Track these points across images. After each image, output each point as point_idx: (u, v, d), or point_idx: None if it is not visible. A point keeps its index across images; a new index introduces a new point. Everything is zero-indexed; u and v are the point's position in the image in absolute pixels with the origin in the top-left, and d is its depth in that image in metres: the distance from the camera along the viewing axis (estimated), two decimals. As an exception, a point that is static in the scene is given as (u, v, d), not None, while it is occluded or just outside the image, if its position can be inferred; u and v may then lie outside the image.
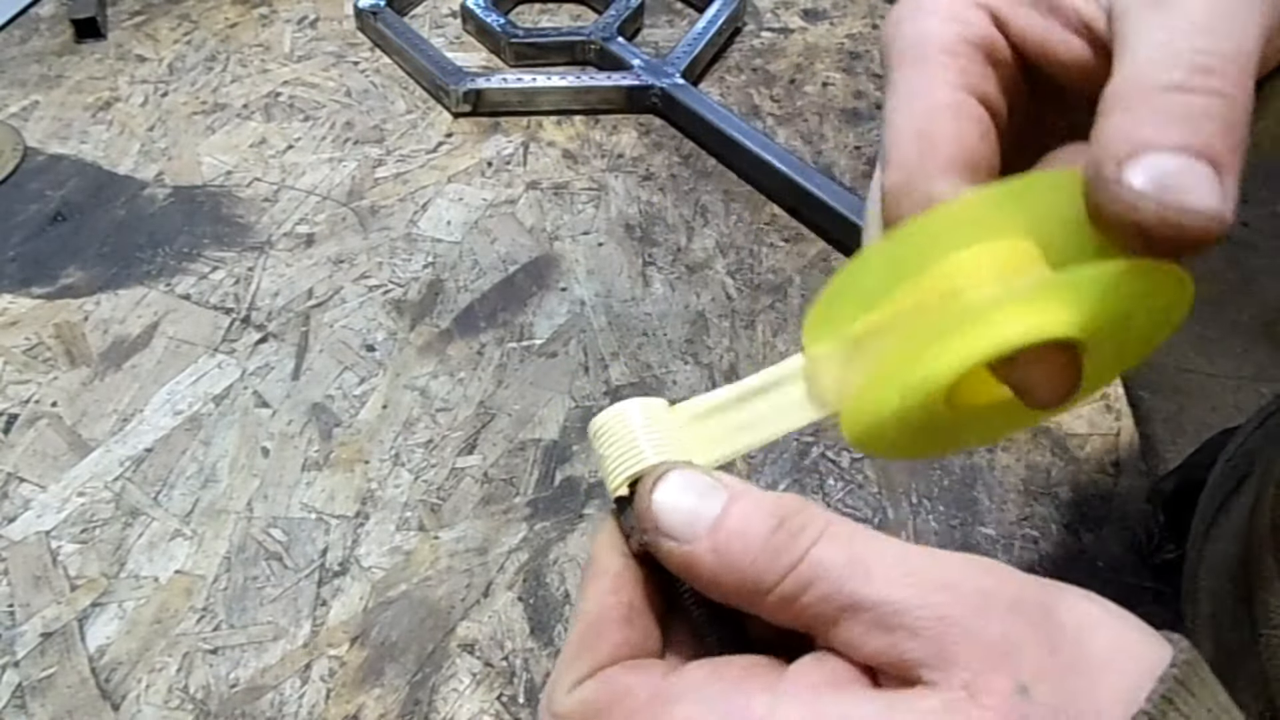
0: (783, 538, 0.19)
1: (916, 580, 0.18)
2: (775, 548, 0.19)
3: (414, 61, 0.70)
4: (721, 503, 0.20)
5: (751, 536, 0.19)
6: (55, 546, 0.43)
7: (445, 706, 0.39)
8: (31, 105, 0.68)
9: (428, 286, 0.56)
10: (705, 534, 0.20)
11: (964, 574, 0.18)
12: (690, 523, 0.20)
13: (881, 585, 0.18)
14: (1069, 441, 0.48)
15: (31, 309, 0.54)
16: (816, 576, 0.19)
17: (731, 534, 0.20)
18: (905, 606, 0.18)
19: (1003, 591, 0.18)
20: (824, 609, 0.19)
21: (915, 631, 0.18)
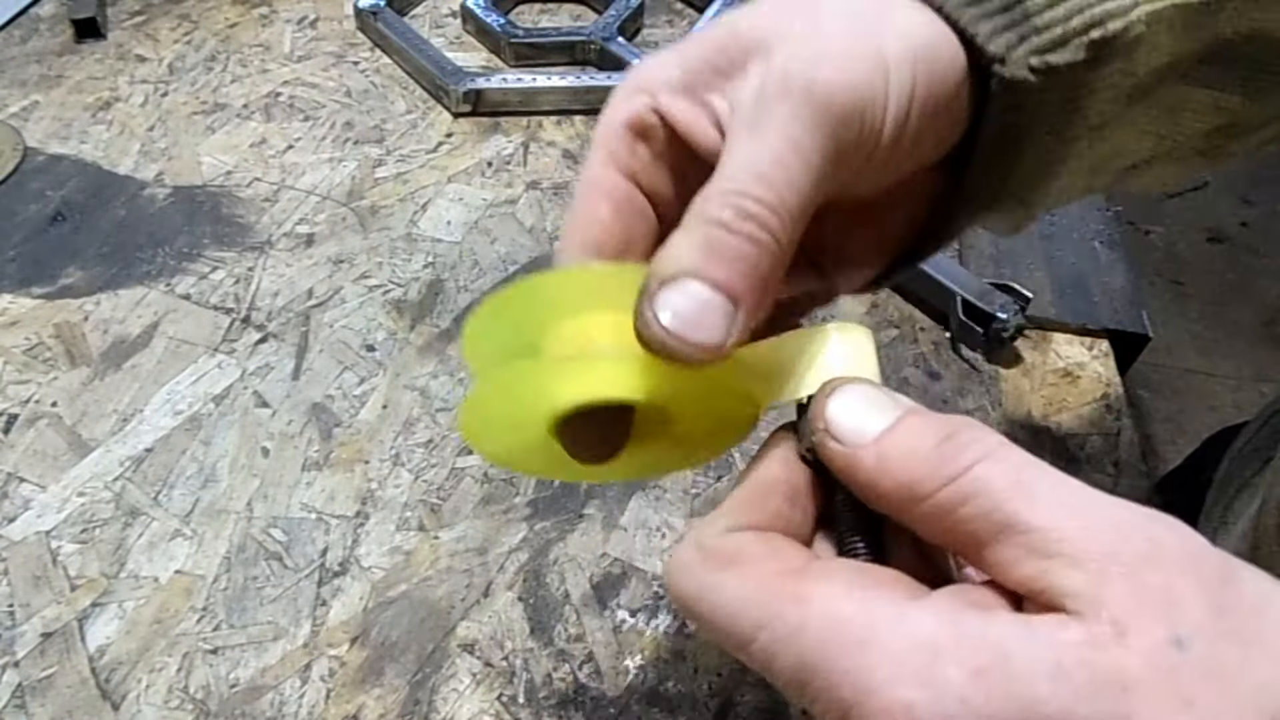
0: (949, 449, 0.19)
1: (1086, 515, 0.17)
2: (940, 457, 0.19)
3: (414, 61, 0.70)
4: (895, 416, 0.20)
5: (917, 446, 0.19)
6: (55, 546, 0.43)
7: (445, 706, 0.39)
8: (31, 105, 0.68)
9: (428, 286, 0.56)
10: (872, 440, 0.20)
11: (1139, 522, 0.18)
12: (859, 429, 0.20)
13: (1046, 511, 0.18)
14: (1069, 441, 0.48)
15: (31, 309, 0.54)
16: (977, 491, 0.18)
17: (897, 443, 0.20)
18: (1066, 536, 0.17)
19: (1178, 547, 0.17)
20: (980, 525, 0.18)
21: (1073, 561, 0.17)
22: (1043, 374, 0.52)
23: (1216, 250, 1.95)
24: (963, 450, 0.19)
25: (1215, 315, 1.83)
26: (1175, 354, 1.75)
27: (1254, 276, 1.90)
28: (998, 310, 0.50)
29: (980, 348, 0.52)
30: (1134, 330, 0.53)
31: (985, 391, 0.51)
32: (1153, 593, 0.16)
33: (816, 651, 0.18)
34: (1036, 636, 0.17)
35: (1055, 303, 0.54)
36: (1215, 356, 1.75)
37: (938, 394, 0.51)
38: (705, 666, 0.40)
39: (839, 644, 0.18)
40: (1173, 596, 0.16)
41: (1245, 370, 1.73)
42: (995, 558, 0.18)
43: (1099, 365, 0.52)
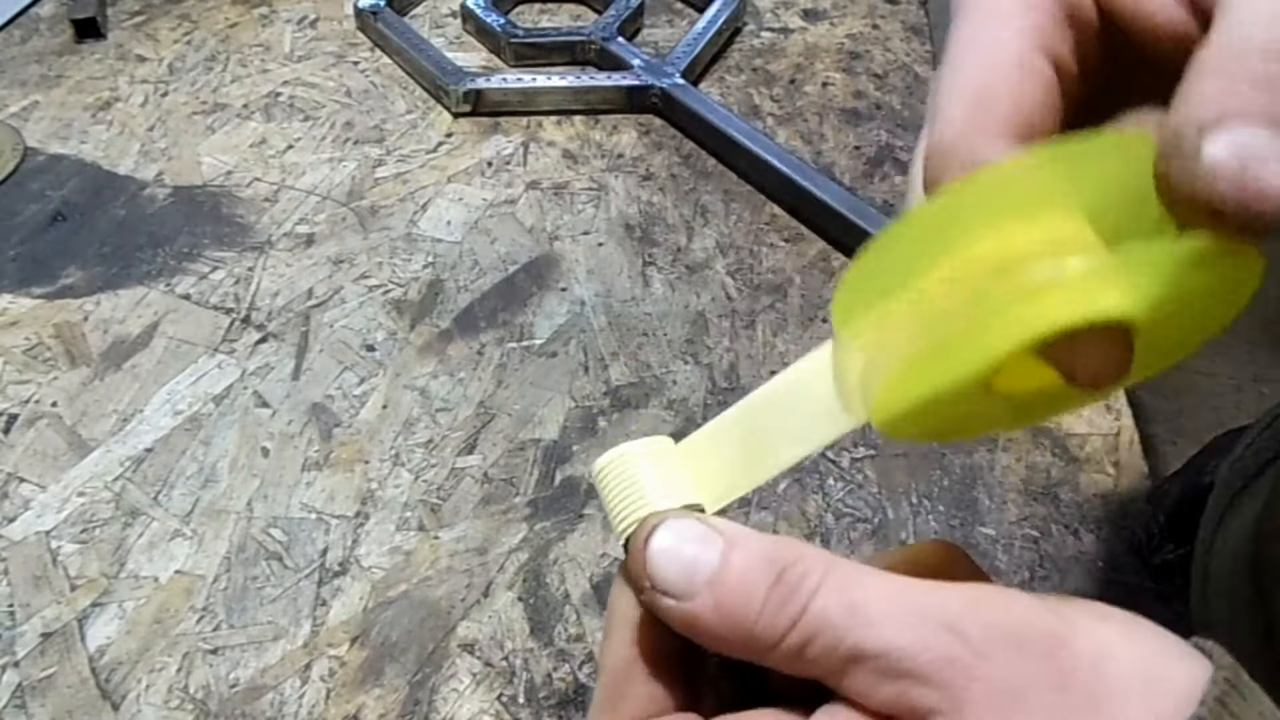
0: (783, 591, 0.19)
1: (919, 622, 0.18)
2: (777, 602, 0.19)
3: (414, 61, 0.70)
4: (719, 552, 0.20)
5: (752, 591, 0.19)
6: (55, 546, 0.43)
7: (445, 706, 0.39)
8: (31, 105, 0.68)
9: (428, 286, 0.56)
10: (704, 589, 0.19)
11: (968, 610, 0.18)
12: (688, 578, 0.20)
13: (884, 632, 0.18)
14: (1069, 441, 0.48)
15: (31, 309, 0.54)
16: (819, 630, 0.18)
17: (732, 589, 0.19)
18: (909, 652, 0.17)
19: (1009, 625, 0.17)
20: (830, 660, 0.18)
21: (922, 678, 0.17)
22: (1043, 374, 0.51)
23: (1216, 250, 1.95)
24: (797, 588, 0.19)
25: (1215, 315, 1.82)
26: (1175, 354, 1.74)
27: (1254, 276, 1.90)
28: (998, 310, 0.50)
29: (980, 348, 0.52)
30: (1134, 330, 0.53)
31: (985, 391, 0.51)
32: (1003, 692, 0.17)
33: None
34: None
35: (1055, 303, 0.54)
36: (1215, 356, 1.75)
37: (938, 394, 0.50)
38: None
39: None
40: (1018, 687, 0.17)
41: (1245, 370, 1.73)
42: (853, 687, 0.18)
43: (1099, 365, 0.52)
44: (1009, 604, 0.18)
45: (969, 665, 0.17)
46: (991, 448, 0.48)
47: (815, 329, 0.54)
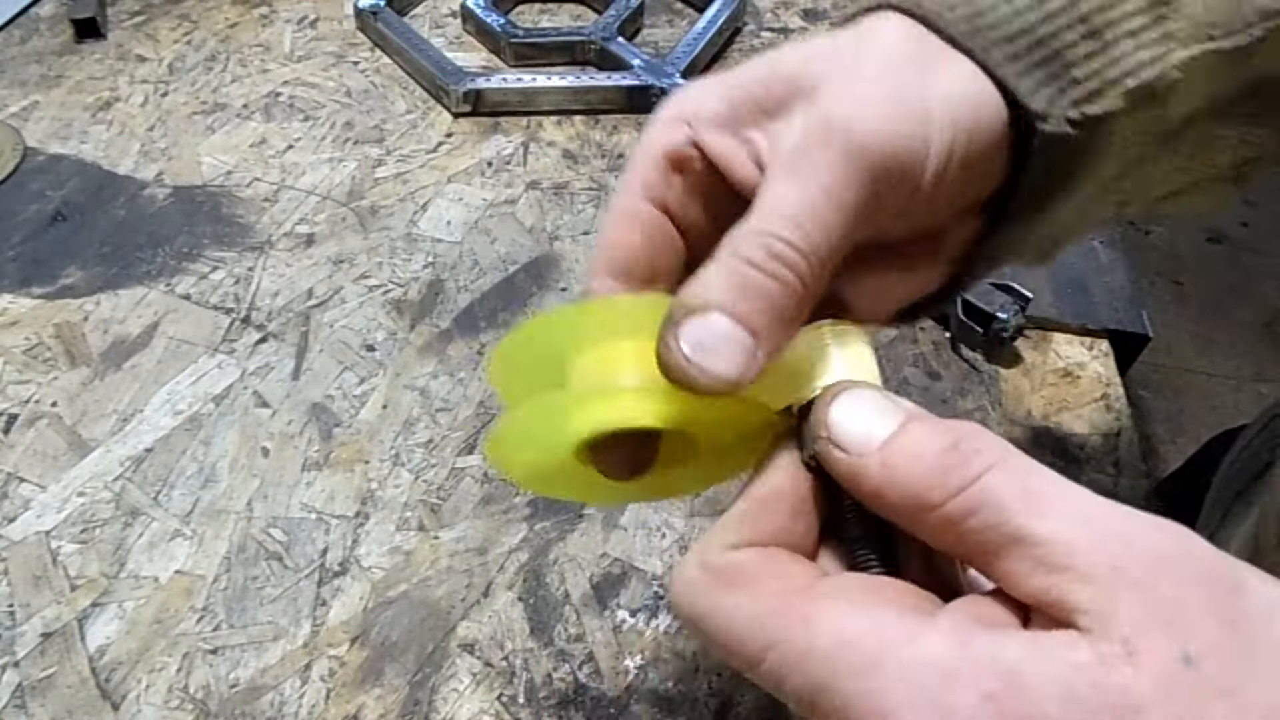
0: (955, 458, 0.19)
1: (1094, 526, 0.17)
2: (946, 466, 0.19)
3: (414, 61, 0.70)
4: (898, 422, 0.20)
5: (923, 454, 0.19)
6: (55, 546, 0.43)
7: (445, 706, 0.39)
8: (31, 105, 0.68)
9: (428, 286, 0.56)
10: (876, 448, 0.20)
11: (1146, 532, 0.17)
12: (864, 436, 0.20)
13: (1054, 523, 0.17)
14: (1069, 441, 0.48)
15: (31, 309, 0.54)
16: (985, 502, 0.18)
17: (902, 450, 0.19)
18: (1076, 549, 0.17)
19: (1186, 557, 0.17)
20: (989, 537, 0.18)
21: (1084, 575, 0.17)
22: (1043, 374, 0.52)
23: (1216, 250, 1.95)
24: (969, 460, 0.19)
25: (1215, 315, 1.83)
26: (1175, 354, 1.75)
27: (1254, 276, 1.90)
28: (998, 310, 0.50)
29: (980, 348, 0.52)
30: (1134, 330, 0.53)
31: (985, 391, 0.51)
32: (1162, 607, 0.16)
33: (825, 673, 0.18)
34: (1047, 658, 0.16)
35: (1055, 303, 0.54)
36: (1215, 356, 1.75)
37: (938, 394, 0.51)
38: (705, 666, 0.40)
39: (848, 666, 0.18)
40: (1182, 611, 0.16)
41: (1245, 370, 1.73)
42: (1005, 569, 0.18)
43: (1099, 365, 0.52)
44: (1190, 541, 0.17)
45: (1135, 577, 0.16)
46: (991, 448, 0.48)
47: (815, 329, 0.54)
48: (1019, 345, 0.52)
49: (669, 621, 0.41)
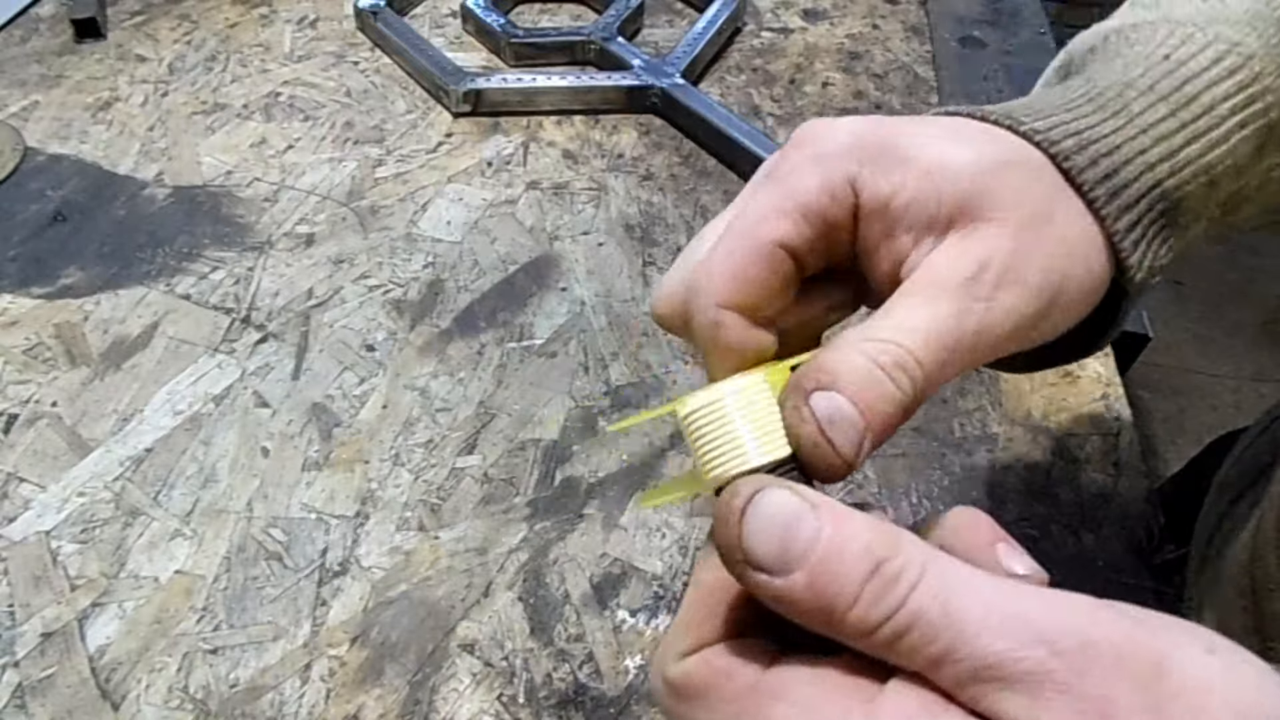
0: (879, 585, 0.19)
1: (1015, 630, 0.17)
2: (872, 595, 0.19)
3: (414, 61, 0.70)
4: (815, 531, 0.19)
5: (848, 578, 0.19)
6: (55, 546, 0.43)
7: (445, 706, 0.39)
8: (31, 105, 0.68)
9: (428, 286, 0.56)
10: (798, 568, 0.19)
11: (1065, 622, 0.17)
12: (782, 556, 0.19)
13: (977, 637, 0.18)
14: (1069, 441, 0.48)
15: (31, 309, 0.54)
16: (912, 627, 0.18)
17: (827, 575, 0.19)
18: (1001, 660, 0.17)
19: (1108, 643, 0.17)
20: (920, 656, 0.18)
21: (1011, 685, 0.17)
22: (1043, 374, 0.52)
23: (1216, 250, 1.95)
24: (893, 584, 0.19)
25: (1215, 315, 1.83)
26: (1175, 354, 1.75)
27: (1254, 276, 1.90)
28: (998, 310, 0.50)
29: (980, 348, 0.52)
30: (1134, 330, 0.53)
31: (985, 391, 0.51)
32: (1090, 709, 0.17)
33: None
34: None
35: (1055, 303, 0.54)
36: (1215, 356, 1.75)
37: (938, 394, 0.51)
38: (705, 666, 0.40)
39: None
40: (1109, 709, 0.16)
41: (1245, 370, 1.73)
42: (940, 680, 0.18)
43: (1099, 365, 0.52)
44: (1110, 618, 0.18)
45: (1061, 681, 0.17)
46: (991, 448, 0.48)
47: (815, 329, 0.54)
48: (1019, 345, 0.52)
49: (669, 621, 0.41)
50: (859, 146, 0.25)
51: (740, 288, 0.25)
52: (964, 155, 0.25)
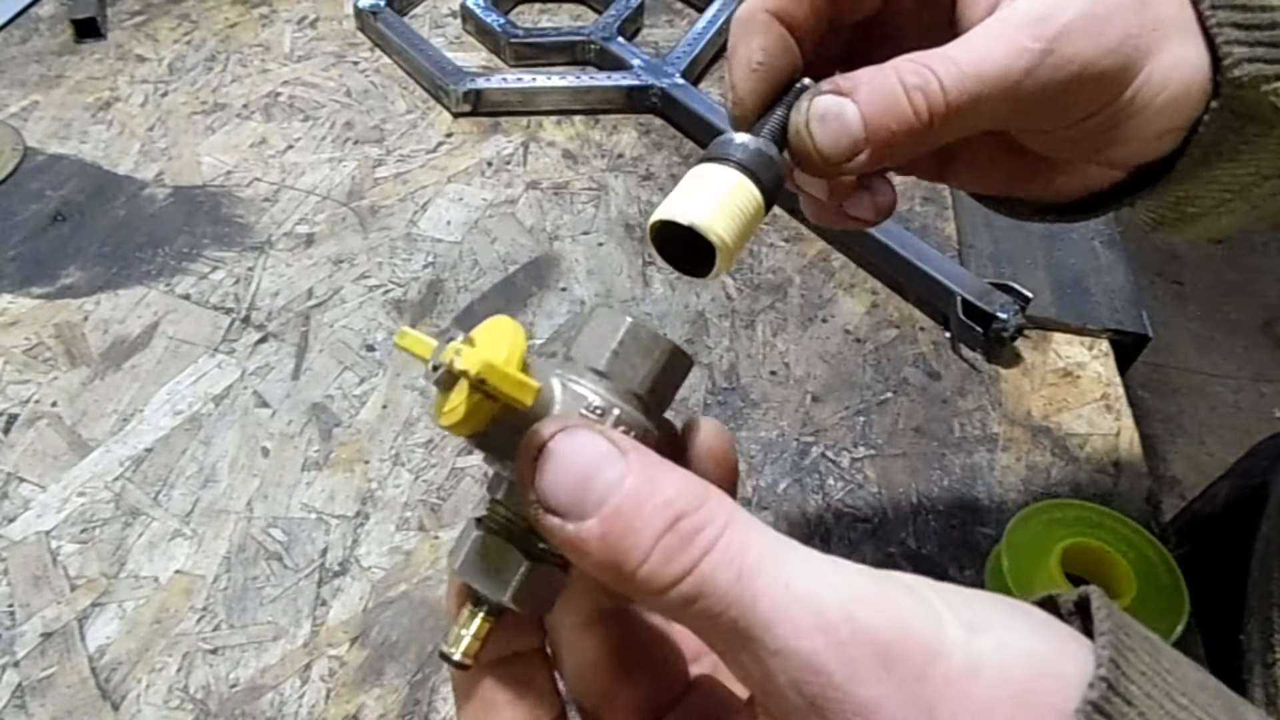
0: (674, 541, 0.18)
1: (797, 615, 0.17)
2: (666, 552, 0.18)
3: (414, 61, 0.70)
4: (619, 476, 0.18)
5: (643, 532, 0.18)
6: (55, 546, 0.43)
7: (445, 706, 0.39)
8: (31, 105, 0.68)
9: (428, 286, 0.56)
10: (592, 514, 0.18)
11: (847, 607, 0.17)
12: (578, 500, 0.18)
13: (764, 615, 0.17)
14: (1069, 441, 0.48)
15: (31, 309, 0.54)
16: (703, 593, 0.17)
17: (621, 524, 0.18)
18: (783, 647, 0.17)
19: (882, 635, 0.17)
20: (709, 625, 0.18)
21: (790, 677, 0.17)
22: (1043, 374, 0.52)
23: (1216, 250, 1.95)
24: (689, 542, 0.18)
25: (1215, 315, 1.83)
26: (1175, 354, 1.75)
27: (1254, 276, 1.90)
28: (998, 310, 0.50)
29: (980, 348, 0.52)
30: (1134, 330, 0.53)
31: (985, 391, 0.51)
32: (861, 709, 0.16)
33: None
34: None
35: (1055, 303, 0.54)
36: (1215, 356, 1.75)
37: (938, 394, 0.51)
38: (705, 666, 0.40)
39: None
40: (880, 709, 0.16)
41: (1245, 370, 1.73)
42: (728, 657, 0.18)
43: (1099, 365, 0.52)
44: (890, 602, 0.17)
45: (833, 679, 0.17)
46: (991, 448, 0.48)
47: (815, 329, 0.54)
48: (1019, 345, 0.52)
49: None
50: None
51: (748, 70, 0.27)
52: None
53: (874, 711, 0.16)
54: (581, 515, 0.18)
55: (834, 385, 0.51)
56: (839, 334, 0.53)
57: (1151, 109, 0.26)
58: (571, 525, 0.18)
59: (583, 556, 0.18)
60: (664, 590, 0.18)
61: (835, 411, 0.50)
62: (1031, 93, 0.25)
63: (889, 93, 0.24)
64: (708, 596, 0.17)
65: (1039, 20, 0.24)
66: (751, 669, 0.18)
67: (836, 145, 0.25)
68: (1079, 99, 0.26)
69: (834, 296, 0.55)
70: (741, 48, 0.27)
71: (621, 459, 0.18)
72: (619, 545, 0.18)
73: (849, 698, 0.16)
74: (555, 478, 0.18)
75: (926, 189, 0.63)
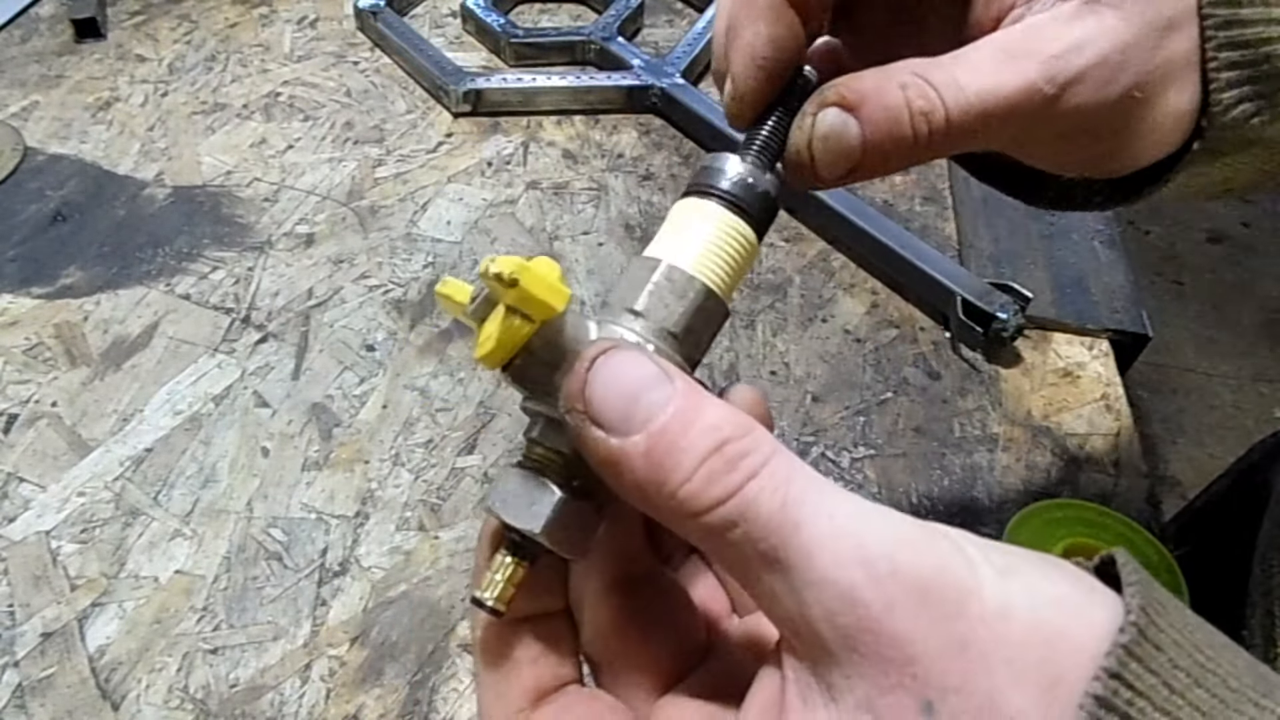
0: (719, 464, 0.18)
1: (839, 546, 0.17)
2: (709, 473, 0.18)
3: (414, 61, 0.69)
4: (666, 397, 0.18)
5: (688, 451, 0.18)
6: (55, 546, 0.43)
7: (445, 706, 0.39)
8: (31, 105, 0.68)
9: (428, 286, 0.56)
10: (641, 431, 0.18)
11: (888, 545, 0.17)
12: (626, 414, 0.18)
13: (805, 543, 0.17)
14: (1069, 441, 0.48)
15: (31, 309, 0.54)
16: (745, 517, 0.17)
17: (667, 440, 0.18)
18: (821, 577, 0.17)
19: (918, 573, 0.17)
20: (747, 553, 0.18)
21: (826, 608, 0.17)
22: (1043, 374, 0.52)
23: (1216, 250, 1.95)
24: (734, 466, 0.18)
25: (1215, 315, 1.83)
26: (1175, 354, 1.75)
27: (1254, 276, 1.90)
28: (998, 310, 0.50)
29: (980, 348, 0.52)
30: (1134, 330, 0.53)
31: (985, 391, 0.51)
32: (897, 649, 0.16)
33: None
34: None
35: (1055, 303, 0.54)
36: (1215, 356, 1.75)
37: (938, 394, 0.51)
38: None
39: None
40: (915, 649, 0.16)
41: (1245, 370, 1.73)
42: (760, 589, 0.18)
43: (1099, 365, 0.52)
44: (927, 545, 0.17)
45: (870, 613, 0.17)
46: (991, 448, 0.48)
47: (815, 329, 0.54)
48: (1019, 345, 0.52)
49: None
50: None
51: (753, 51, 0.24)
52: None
53: (907, 645, 0.16)
54: (627, 431, 0.18)
55: (834, 385, 0.51)
56: (839, 334, 0.53)
57: (1141, 148, 0.25)
58: (616, 440, 0.18)
59: (623, 474, 0.18)
60: (704, 512, 0.18)
61: (835, 411, 0.50)
62: (1031, 128, 0.24)
63: (894, 115, 0.23)
64: (749, 521, 0.17)
65: (1056, 58, 0.23)
66: (786, 601, 0.17)
67: (834, 167, 0.24)
68: (1075, 143, 0.25)
69: (834, 296, 0.55)
70: (746, 33, 0.24)
71: (669, 383, 0.18)
72: (663, 463, 0.18)
73: (884, 631, 0.17)
74: (604, 389, 0.18)
75: (926, 189, 0.63)
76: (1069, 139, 0.25)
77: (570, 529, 0.21)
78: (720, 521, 0.18)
